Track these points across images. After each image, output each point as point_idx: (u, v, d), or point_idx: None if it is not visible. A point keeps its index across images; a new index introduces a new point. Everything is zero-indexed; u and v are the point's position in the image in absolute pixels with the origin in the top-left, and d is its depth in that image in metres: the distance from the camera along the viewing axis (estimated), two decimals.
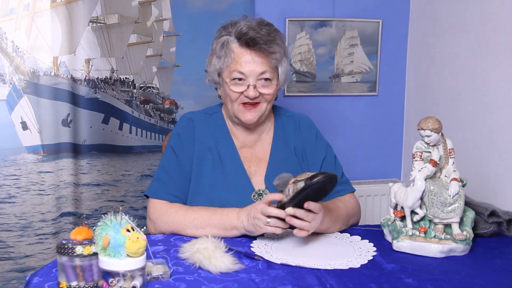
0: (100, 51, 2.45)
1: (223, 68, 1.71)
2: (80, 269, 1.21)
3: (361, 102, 2.91)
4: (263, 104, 1.73)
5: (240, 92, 1.69)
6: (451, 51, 2.49)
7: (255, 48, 1.67)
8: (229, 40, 1.69)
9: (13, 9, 2.30)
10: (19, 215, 2.36)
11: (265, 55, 1.68)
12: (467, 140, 2.34)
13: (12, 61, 2.31)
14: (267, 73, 1.69)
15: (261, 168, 1.78)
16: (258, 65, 1.68)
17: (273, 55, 1.70)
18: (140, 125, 2.60)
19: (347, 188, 1.84)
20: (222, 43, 1.70)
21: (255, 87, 1.68)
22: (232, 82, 1.69)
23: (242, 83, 1.69)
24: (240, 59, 1.68)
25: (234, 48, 1.69)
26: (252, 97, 1.69)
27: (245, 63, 1.67)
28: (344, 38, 2.81)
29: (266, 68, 1.68)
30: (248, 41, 1.66)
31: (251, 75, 1.67)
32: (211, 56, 1.75)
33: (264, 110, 1.74)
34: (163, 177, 1.75)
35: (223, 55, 1.70)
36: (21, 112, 2.35)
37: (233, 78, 1.69)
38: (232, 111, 1.74)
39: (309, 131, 1.87)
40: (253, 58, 1.67)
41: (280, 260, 1.45)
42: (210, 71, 1.77)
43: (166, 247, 1.54)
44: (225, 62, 1.70)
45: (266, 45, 1.67)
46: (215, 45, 1.74)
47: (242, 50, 1.68)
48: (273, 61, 1.70)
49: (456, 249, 1.51)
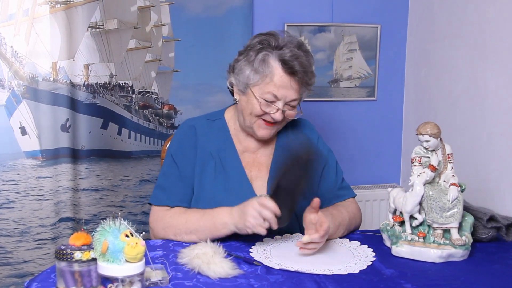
0: (99, 56, 2.46)
1: (257, 84, 1.68)
2: (79, 274, 1.21)
3: (360, 107, 2.92)
4: (282, 123, 1.75)
5: (267, 112, 1.69)
6: (449, 56, 2.49)
7: (296, 77, 1.66)
8: (270, 57, 1.66)
9: (12, 14, 2.31)
10: (18, 220, 2.36)
11: (302, 85, 1.69)
12: (465, 145, 2.34)
13: (11, 66, 2.32)
14: (296, 101, 1.71)
15: (263, 173, 1.78)
16: (293, 92, 1.67)
17: (309, 86, 1.73)
18: (139, 130, 2.60)
19: (348, 193, 1.85)
20: (262, 59, 1.66)
21: (283, 112, 1.69)
22: (263, 102, 1.67)
23: (272, 104, 1.68)
24: (278, 83, 1.66)
25: (274, 70, 1.66)
26: (278, 120, 1.69)
27: (282, 88, 1.66)
28: (343, 43, 2.82)
29: (298, 96, 1.70)
30: (293, 71, 1.65)
31: (282, 99, 1.67)
32: (246, 65, 1.69)
33: (280, 127, 1.77)
34: (164, 184, 1.75)
35: (261, 71, 1.66)
36: (20, 117, 2.35)
37: (265, 98, 1.67)
38: (249, 122, 1.73)
39: (311, 136, 1.87)
40: (291, 85, 1.67)
41: (279, 265, 1.45)
42: (240, 79, 1.71)
43: (165, 252, 1.54)
44: (262, 79, 1.67)
45: (307, 77, 1.68)
46: (252, 56, 1.68)
47: (283, 75, 1.65)
48: (306, 91, 1.73)
49: (455, 254, 1.51)
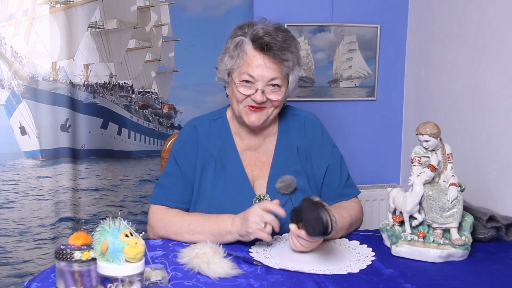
0: (99, 56, 2.46)
1: (234, 68, 1.69)
2: (79, 274, 1.21)
3: (359, 107, 2.92)
4: (269, 109, 1.71)
5: (247, 95, 1.68)
6: (449, 56, 2.49)
7: (269, 53, 1.64)
8: (243, 41, 1.67)
9: (12, 14, 2.31)
10: (18, 220, 2.36)
11: (277, 62, 1.66)
12: (465, 145, 2.34)
13: (11, 66, 2.32)
14: (277, 80, 1.67)
15: (264, 171, 1.77)
16: (269, 70, 1.65)
17: (286, 63, 1.68)
18: (139, 130, 2.60)
19: (352, 192, 1.84)
20: (236, 43, 1.68)
21: (263, 92, 1.66)
22: (240, 84, 1.67)
23: (251, 86, 1.67)
24: (252, 62, 1.65)
25: (247, 50, 1.67)
26: (259, 101, 1.67)
27: (256, 67, 1.65)
28: (342, 43, 2.82)
29: (277, 74, 1.66)
30: (262, 46, 1.64)
31: (260, 80, 1.65)
32: (223, 55, 1.73)
33: (270, 114, 1.73)
34: (165, 184, 1.76)
35: (236, 55, 1.68)
36: (19, 117, 2.35)
37: (242, 80, 1.67)
38: (237, 111, 1.73)
39: (314, 131, 1.83)
40: (265, 63, 1.65)
41: (279, 265, 1.45)
42: (221, 70, 1.74)
43: (164, 252, 1.54)
44: (237, 63, 1.68)
45: (280, 52, 1.65)
46: (229, 44, 1.71)
47: (255, 53, 1.65)
48: (284, 68, 1.68)
49: (455, 254, 1.51)
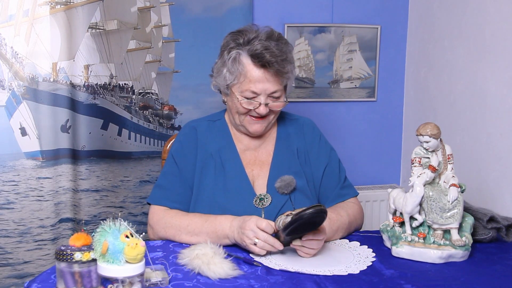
0: (99, 57, 2.46)
1: (234, 84, 1.70)
2: (79, 275, 1.21)
3: (360, 108, 2.92)
4: (271, 116, 1.75)
5: (250, 109, 1.70)
6: (449, 56, 2.49)
7: (269, 69, 1.66)
8: (241, 55, 1.67)
9: (13, 15, 2.31)
10: (18, 221, 2.36)
11: (278, 75, 1.68)
12: (465, 146, 2.34)
13: (11, 67, 2.32)
14: (278, 92, 1.70)
15: (264, 171, 1.78)
16: (270, 84, 1.67)
17: (286, 74, 1.70)
18: (139, 131, 2.60)
19: (351, 192, 1.84)
20: (233, 57, 1.68)
21: (266, 105, 1.69)
22: (243, 100, 1.69)
23: (253, 101, 1.69)
24: (253, 78, 1.66)
25: (247, 66, 1.67)
26: (263, 114, 1.70)
27: (258, 83, 1.66)
28: (343, 44, 2.82)
29: (278, 87, 1.69)
30: (264, 64, 1.65)
31: (262, 93, 1.68)
32: (222, 67, 1.72)
33: (271, 120, 1.77)
34: (164, 184, 1.76)
35: (235, 71, 1.68)
36: (20, 118, 2.35)
37: (245, 96, 1.68)
38: (238, 121, 1.75)
39: (312, 135, 1.86)
40: (266, 77, 1.67)
41: (279, 266, 1.45)
42: (220, 82, 1.74)
43: (165, 253, 1.54)
44: (237, 79, 1.68)
45: (281, 66, 1.66)
46: (226, 57, 1.70)
47: (256, 69, 1.66)
48: (284, 80, 1.71)
49: (455, 255, 1.51)
